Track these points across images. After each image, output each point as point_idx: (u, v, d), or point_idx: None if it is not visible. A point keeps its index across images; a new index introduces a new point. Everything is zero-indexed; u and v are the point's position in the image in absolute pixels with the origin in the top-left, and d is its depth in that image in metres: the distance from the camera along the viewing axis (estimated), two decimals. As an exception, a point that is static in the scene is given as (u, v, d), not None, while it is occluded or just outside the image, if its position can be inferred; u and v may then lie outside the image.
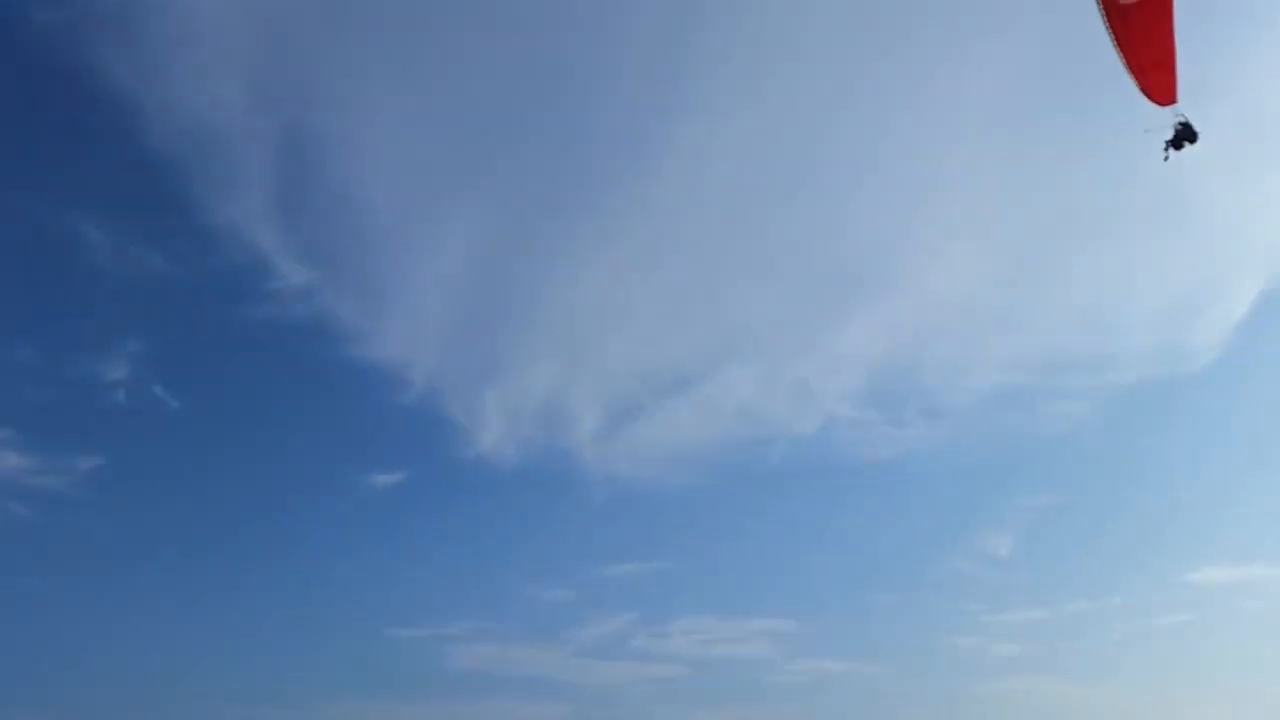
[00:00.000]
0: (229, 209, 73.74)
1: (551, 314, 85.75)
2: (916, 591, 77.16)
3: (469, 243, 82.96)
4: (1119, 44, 21.35)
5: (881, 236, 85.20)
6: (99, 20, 67.09)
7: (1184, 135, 22.98)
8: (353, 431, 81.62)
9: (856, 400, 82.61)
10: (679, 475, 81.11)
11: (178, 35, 69.48)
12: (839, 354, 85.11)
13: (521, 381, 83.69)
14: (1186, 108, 22.54)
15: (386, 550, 77.15)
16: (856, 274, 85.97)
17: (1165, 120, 23.00)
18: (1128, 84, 21.94)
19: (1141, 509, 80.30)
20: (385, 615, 72.69)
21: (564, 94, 79.41)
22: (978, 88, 77.41)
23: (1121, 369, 80.00)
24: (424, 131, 78.84)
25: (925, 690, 70.86)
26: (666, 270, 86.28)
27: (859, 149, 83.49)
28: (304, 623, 71.24)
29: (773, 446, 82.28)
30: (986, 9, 69.63)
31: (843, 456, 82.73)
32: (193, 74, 70.75)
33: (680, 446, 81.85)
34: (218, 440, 76.46)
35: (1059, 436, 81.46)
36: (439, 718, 69.94)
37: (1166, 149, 23.39)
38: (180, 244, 74.60)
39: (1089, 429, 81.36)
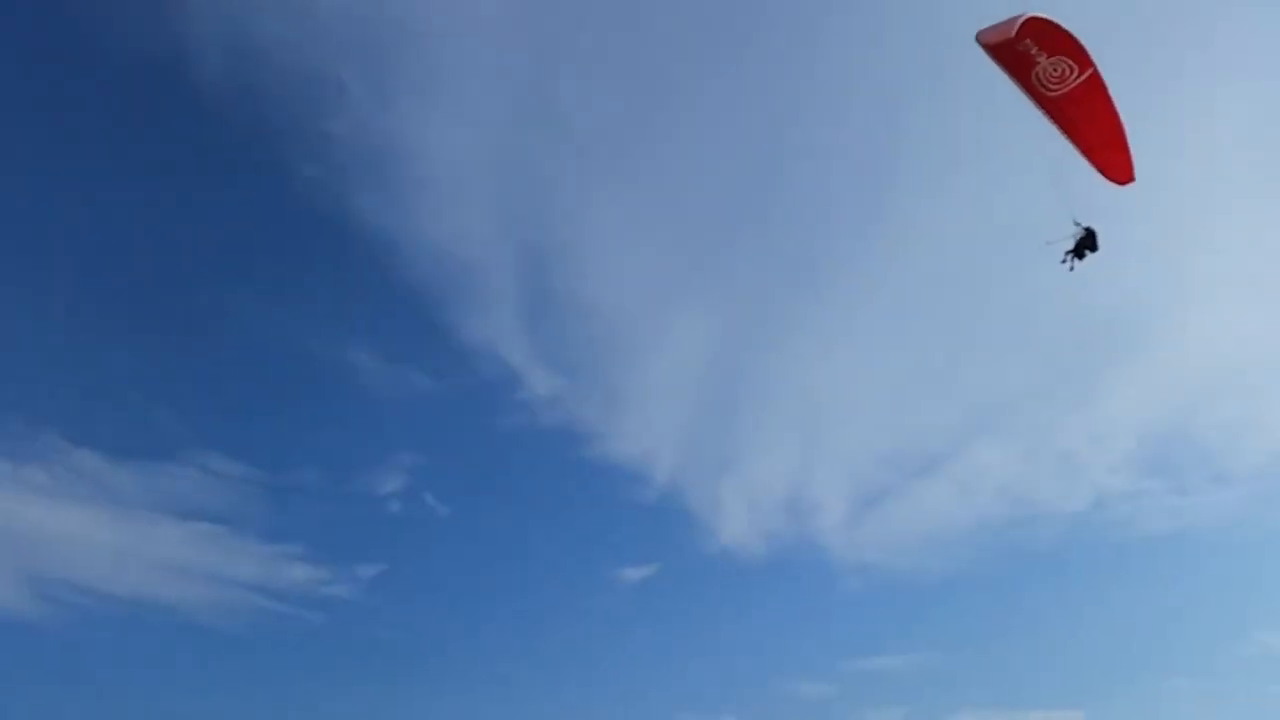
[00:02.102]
0: (481, 328, 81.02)
1: (788, 401, 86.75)
2: (1221, 675, 69.69)
3: (702, 338, 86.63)
4: (1062, 129, 23.27)
5: (1140, 291, 79.22)
6: (356, 169, 78.29)
7: (1085, 244, 24.00)
8: (603, 528, 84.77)
9: (1130, 470, 77.23)
10: (938, 560, 78.18)
11: (422, 176, 79.54)
12: (1104, 421, 79.68)
13: (761, 472, 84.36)
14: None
15: (642, 644, 78.58)
16: (1115, 333, 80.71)
17: (1070, 230, 24.13)
18: None
19: None
20: (645, 710, 72.90)
21: (784, 183, 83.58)
22: (1245, 121, 73.40)
23: None
24: (651, 236, 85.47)
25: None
26: (906, 347, 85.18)
27: (1117, 199, 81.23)
28: (573, 715, 72.04)
29: (1040, 525, 77.87)
30: (1247, 47, 67.66)
31: (1119, 531, 76.80)
32: (438, 209, 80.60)
33: (936, 530, 79.17)
34: (483, 542, 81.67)
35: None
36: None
37: (1067, 257, 24.42)
38: (441, 363, 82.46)
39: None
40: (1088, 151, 23.51)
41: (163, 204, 78.57)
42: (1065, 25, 21.37)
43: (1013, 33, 19.92)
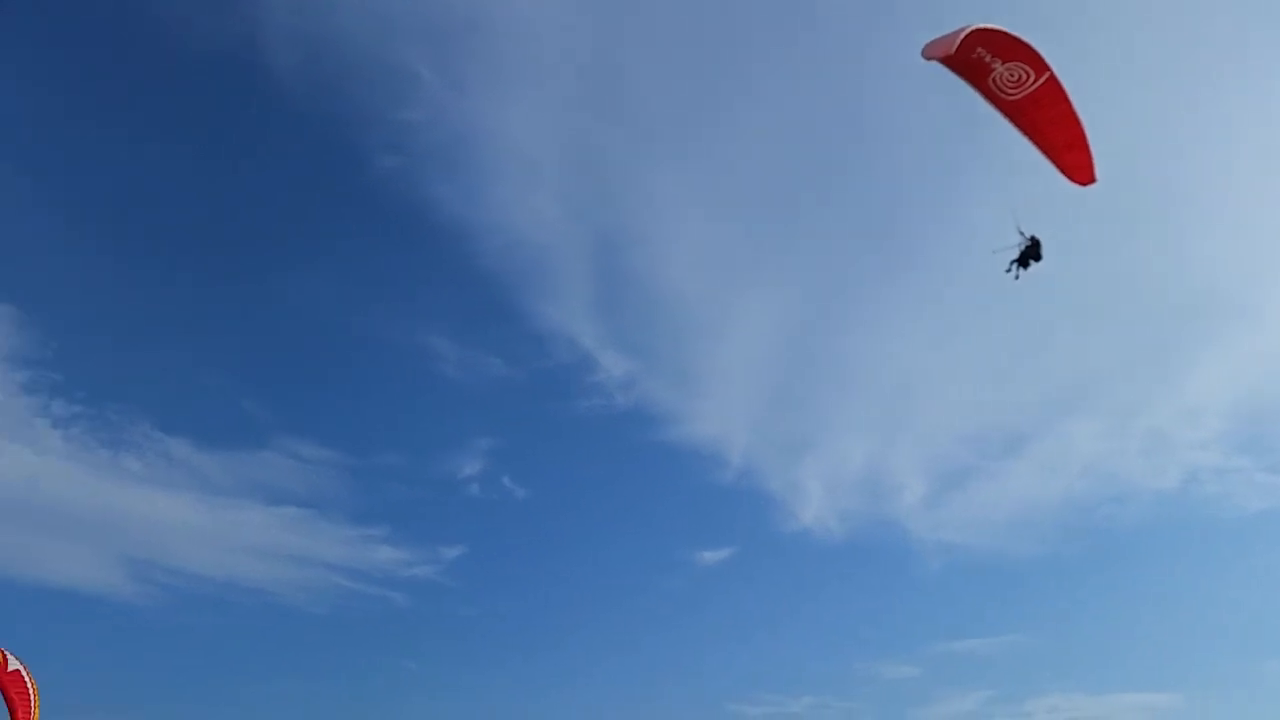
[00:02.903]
0: (554, 313, 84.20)
1: (866, 382, 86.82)
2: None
3: (777, 319, 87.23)
4: (1023, 132, 23.57)
5: (1232, 264, 79.04)
6: (431, 158, 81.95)
7: (1030, 253, 24.13)
8: (679, 510, 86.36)
9: (1220, 447, 76.18)
10: (1023, 541, 77.57)
11: (495, 163, 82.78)
12: (1193, 397, 78.67)
13: (839, 453, 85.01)
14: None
15: (720, 625, 79.46)
16: (1205, 308, 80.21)
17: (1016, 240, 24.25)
18: None
19: None
20: (726, 690, 73.45)
21: (858, 158, 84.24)
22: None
23: None
24: (723, 215, 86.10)
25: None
26: (988, 325, 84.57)
27: (1203, 171, 79.11)
28: (648, 698, 73.63)
29: (1128, 504, 77.46)
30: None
31: (1210, 510, 76.12)
32: (511, 197, 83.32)
33: (1020, 511, 78.64)
34: (560, 524, 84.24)
35: None
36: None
37: (1012, 267, 24.58)
38: (516, 348, 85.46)
39: None
40: (1049, 153, 23.78)
41: (245, 199, 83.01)
42: (1015, 33, 21.66)
43: (953, 49, 20.34)
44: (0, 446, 66.28)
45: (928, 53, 20.79)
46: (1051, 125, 23.27)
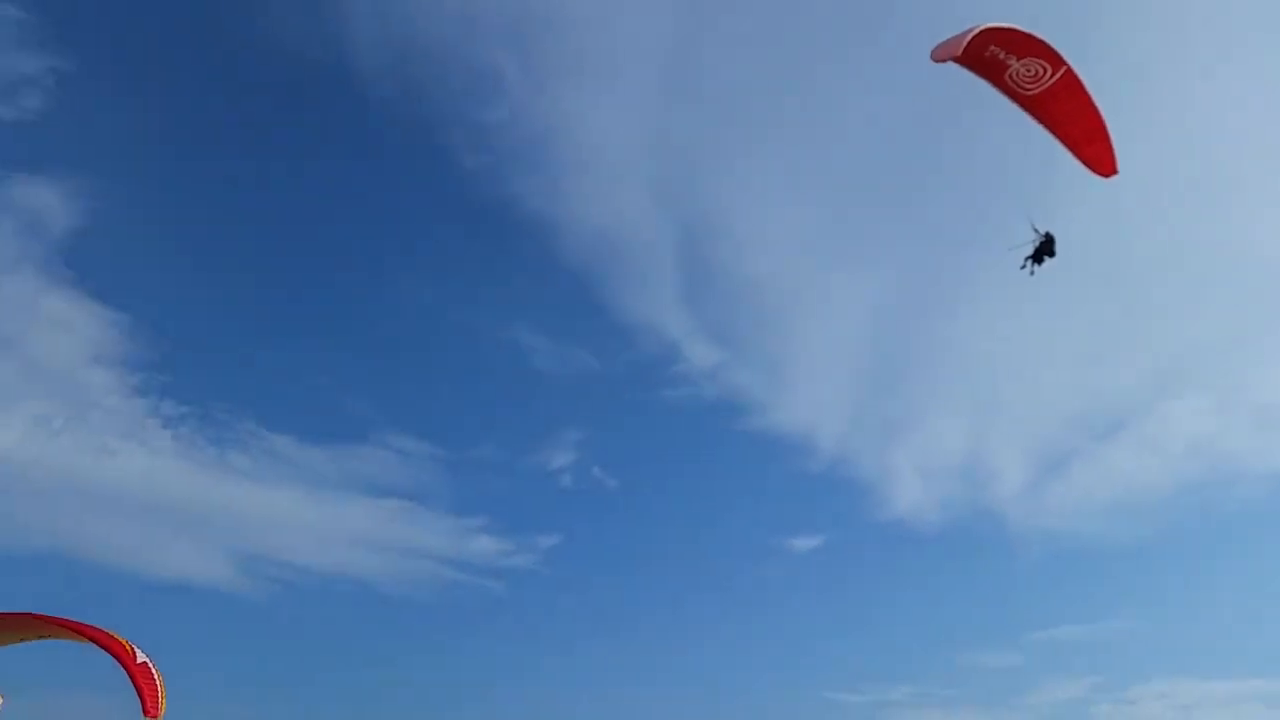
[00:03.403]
0: (641, 304, 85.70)
1: (960, 365, 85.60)
2: None
3: (867, 304, 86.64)
4: (1044, 126, 24.14)
5: None
6: (515, 156, 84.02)
7: (1044, 249, 24.43)
8: (769, 498, 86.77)
9: None
10: (1126, 525, 76.04)
11: (579, 158, 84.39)
12: None
13: (934, 439, 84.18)
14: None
15: (816, 613, 79.59)
16: None
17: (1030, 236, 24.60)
18: None
19: None
20: (823, 679, 73.60)
21: (946, 140, 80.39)
22: None
23: None
24: (808, 203, 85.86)
25: None
26: (1087, 301, 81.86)
27: None
28: (745, 687, 73.73)
29: (1237, 484, 75.08)
30: None
31: None
32: (596, 191, 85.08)
33: (1123, 494, 76.98)
34: (651, 513, 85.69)
35: None
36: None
37: (1026, 263, 24.88)
38: (604, 341, 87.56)
39: None
40: (1071, 146, 24.27)
41: (340, 203, 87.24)
42: (1026, 29, 22.33)
43: (959, 51, 21.14)
44: (115, 446, 70.41)
45: (936, 55, 21.67)
46: (1071, 118, 23.81)
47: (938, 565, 79.94)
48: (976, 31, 21.65)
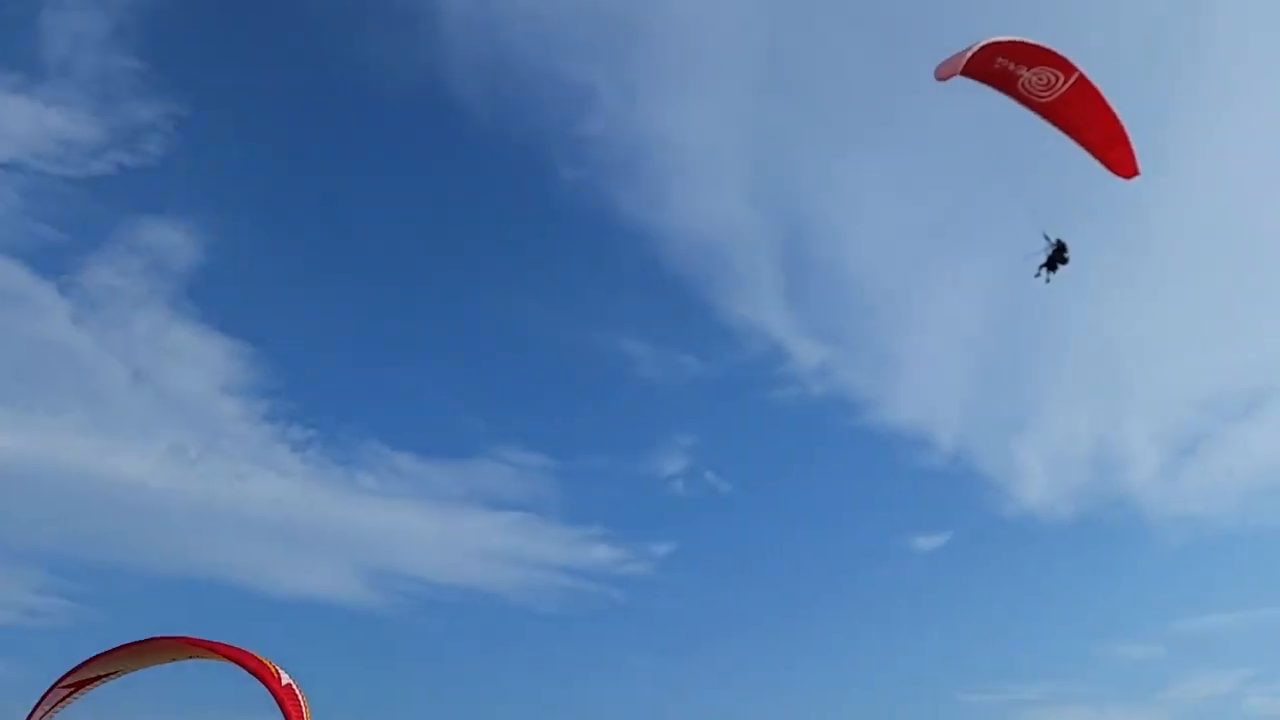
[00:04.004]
0: (744, 307, 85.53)
1: (1084, 350, 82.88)
2: None
3: (976, 291, 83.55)
4: (1063, 132, 24.47)
5: None
6: (612, 167, 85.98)
7: (1057, 257, 24.39)
8: (887, 497, 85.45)
9: None
10: (1270, 507, 73.45)
11: (675, 164, 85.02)
12: None
13: (1060, 427, 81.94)
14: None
15: (944, 613, 78.08)
16: None
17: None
18: None
19: None
20: (955, 680, 72.08)
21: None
22: None
23: None
24: (910, 193, 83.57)
25: None
26: (1213, 279, 78.97)
27: None
28: (875, 691, 72.42)
29: None
30: None
31: None
32: (694, 196, 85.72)
33: (1265, 475, 74.18)
34: (766, 516, 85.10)
35: None
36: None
37: (1040, 271, 24.85)
38: (709, 345, 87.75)
39: None
40: (1091, 150, 24.47)
41: (445, 226, 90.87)
42: (1031, 40, 22.82)
43: (959, 68, 21.84)
44: (247, 471, 74.37)
45: (939, 73, 22.43)
46: (1088, 123, 24.06)
47: (1070, 557, 77.60)
48: (979, 47, 22.31)
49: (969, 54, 22.21)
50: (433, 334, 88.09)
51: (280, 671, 24.13)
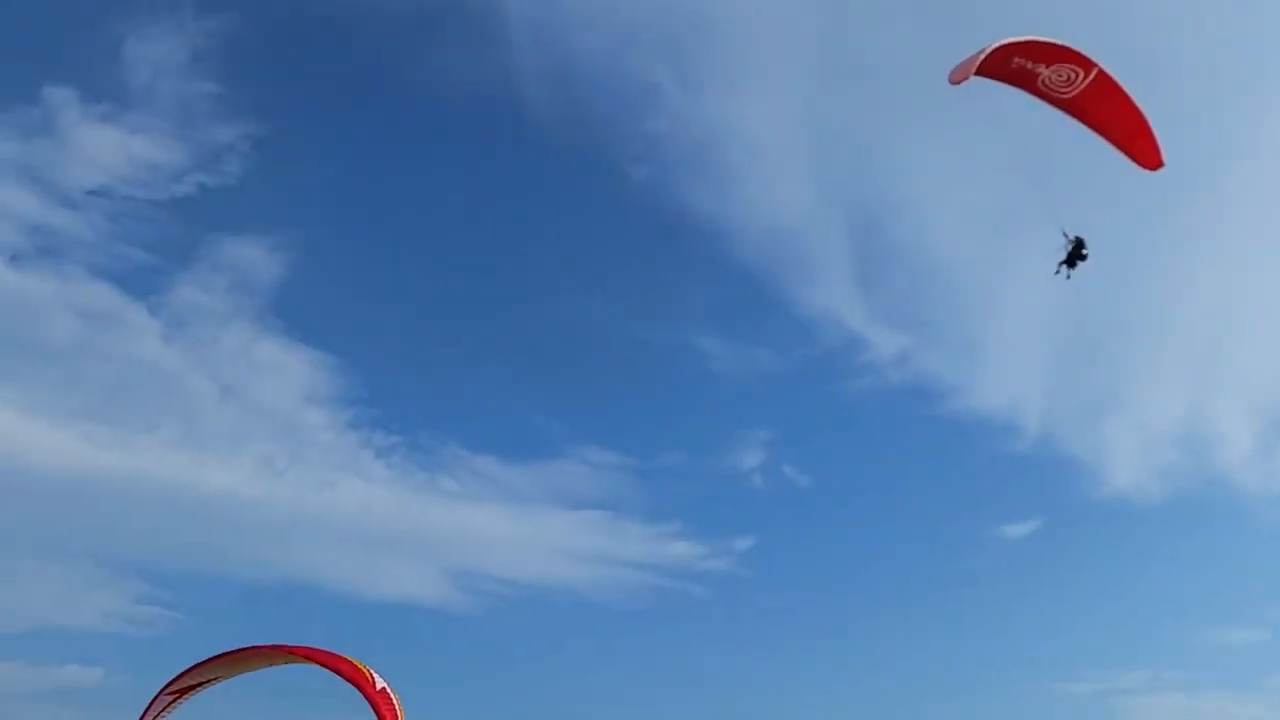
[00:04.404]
0: (817, 297, 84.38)
1: (1172, 327, 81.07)
2: None
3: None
4: (1087, 126, 24.72)
5: None
6: (680, 164, 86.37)
7: (1075, 254, 24.38)
8: (971, 485, 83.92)
9: None
10: None
11: (742, 158, 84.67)
12: None
13: (1150, 406, 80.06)
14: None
15: (1035, 601, 76.70)
16: None
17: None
18: None
19: None
20: (1048, 670, 71.10)
21: (1136, 91, 76.09)
22: None
23: None
24: (984, 171, 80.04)
25: None
26: None
27: None
28: (964, 683, 71.74)
29: None
30: None
31: None
32: (762, 188, 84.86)
33: None
34: (847, 508, 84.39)
35: None
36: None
37: (1060, 268, 24.83)
38: (782, 337, 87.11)
39: None
40: (1116, 143, 24.65)
41: (519, 230, 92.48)
42: (1047, 39, 23.19)
43: (971, 72, 22.35)
44: (334, 479, 76.34)
45: (953, 78, 22.98)
46: (1111, 117, 24.27)
47: (1165, 540, 75.69)
48: (991, 49, 22.80)
49: (981, 57, 22.72)
50: (509, 338, 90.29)
51: (375, 676, 24.49)
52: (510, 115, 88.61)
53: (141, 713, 25.74)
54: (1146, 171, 24.73)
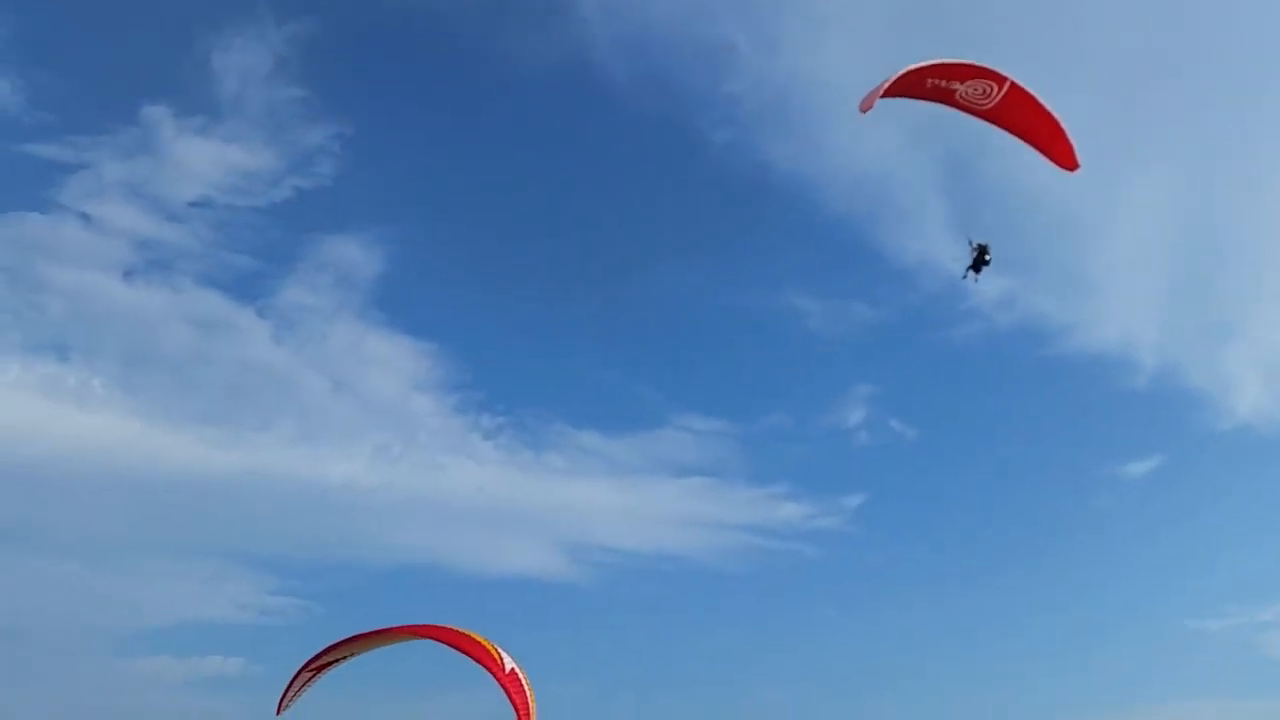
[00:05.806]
0: (911, 244, 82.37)
1: None
2: None
3: (1166, 196, 78.55)
4: (1009, 133, 26.15)
5: None
6: (761, 123, 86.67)
7: (980, 260, 25.38)
8: (1089, 425, 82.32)
9: None
10: None
11: (822, 112, 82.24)
12: None
13: (1270, 330, 77.89)
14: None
15: (1163, 537, 75.43)
16: None
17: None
18: None
19: None
20: (1182, 607, 70.68)
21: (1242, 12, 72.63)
22: None
23: None
24: (1087, 99, 76.78)
25: None
26: None
27: None
28: (1093, 626, 70.67)
29: None
30: None
31: None
32: (845, 139, 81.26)
33: None
34: (959, 458, 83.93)
35: None
36: (1257, 716, 66.68)
37: (967, 273, 25.82)
38: (878, 289, 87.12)
39: None
40: (1038, 147, 25.95)
41: (605, 204, 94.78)
42: (954, 60, 24.81)
43: (877, 99, 24.22)
44: (445, 462, 79.73)
45: (862, 106, 24.95)
46: (1029, 124, 25.55)
47: None
48: (897, 76, 24.66)
49: (885, 85, 24.66)
50: (604, 312, 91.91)
51: (505, 658, 24.52)
52: (588, 88, 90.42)
53: (285, 686, 26.79)
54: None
